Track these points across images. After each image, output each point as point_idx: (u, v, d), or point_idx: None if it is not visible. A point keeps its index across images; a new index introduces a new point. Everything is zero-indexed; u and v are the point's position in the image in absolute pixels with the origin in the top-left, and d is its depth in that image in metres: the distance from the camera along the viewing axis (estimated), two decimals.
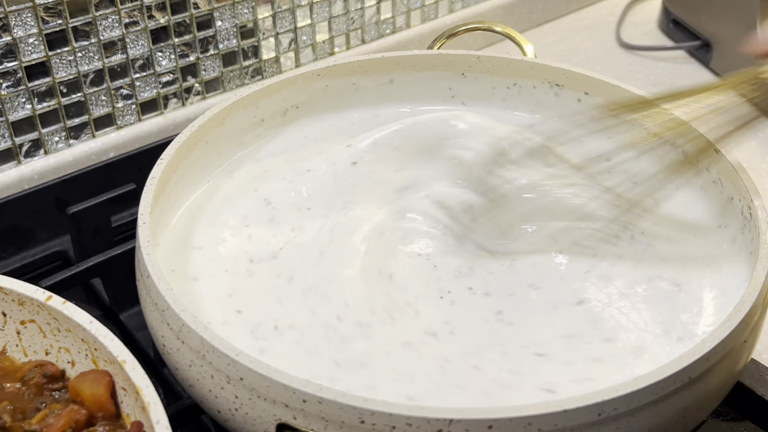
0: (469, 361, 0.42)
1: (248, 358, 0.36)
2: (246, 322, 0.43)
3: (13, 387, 0.41)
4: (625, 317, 0.44)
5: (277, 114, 0.58)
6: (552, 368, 0.41)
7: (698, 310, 0.44)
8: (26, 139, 0.63)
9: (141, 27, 0.65)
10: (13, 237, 0.62)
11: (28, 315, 0.42)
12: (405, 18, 0.82)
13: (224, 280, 0.46)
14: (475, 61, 0.60)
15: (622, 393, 0.35)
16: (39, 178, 0.63)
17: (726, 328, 0.37)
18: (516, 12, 0.91)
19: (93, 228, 0.58)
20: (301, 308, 0.44)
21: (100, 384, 0.39)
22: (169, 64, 0.68)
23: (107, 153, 0.66)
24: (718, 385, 0.39)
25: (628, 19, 0.96)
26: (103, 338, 0.39)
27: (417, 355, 0.42)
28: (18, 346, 0.43)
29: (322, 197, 0.53)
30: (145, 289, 0.42)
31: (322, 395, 0.35)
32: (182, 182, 0.52)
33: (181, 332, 0.39)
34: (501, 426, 0.34)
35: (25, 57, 0.60)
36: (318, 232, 0.50)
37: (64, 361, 0.42)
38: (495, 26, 0.64)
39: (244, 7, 0.70)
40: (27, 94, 0.61)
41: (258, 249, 0.48)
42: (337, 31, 0.77)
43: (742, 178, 0.47)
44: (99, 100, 0.65)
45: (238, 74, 0.72)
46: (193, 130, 0.52)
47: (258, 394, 0.36)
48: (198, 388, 0.39)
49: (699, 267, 0.47)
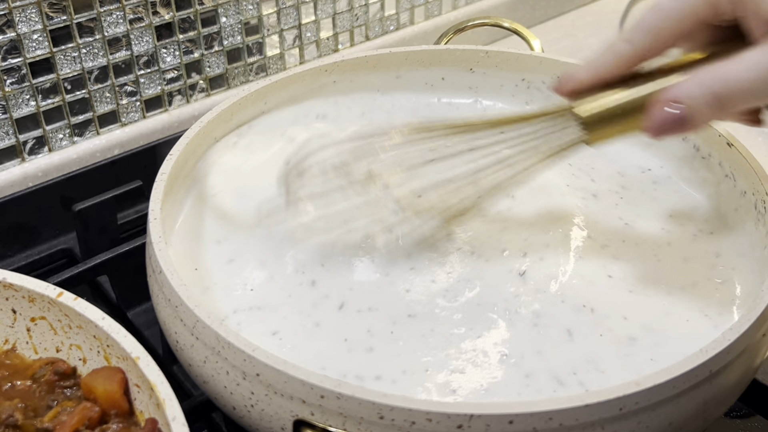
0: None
1: (265, 353, 0.36)
2: (261, 316, 0.43)
3: (24, 385, 0.40)
4: (642, 314, 0.43)
5: (284, 107, 0.58)
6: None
7: (714, 305, 0.44)
8: (30, 136, 0.62)
9: (146, 23, 0.64)
10: (19, 235, 0.61)
11: (38, 312, 0.41)
12: (409, 14, 0.82)
13: (236, 274, 0.46)
14: (483, 56, 0.60)
15: (643, 387, 0.34)
16: (43, 176, 0.63)
17: (746, 322, 0.37)
18: (520, 8, 0.91)
19: (99, 225, 0.58)
20: (316, 302, 0.44)
21: (113, 381, 0.38)
22: (174, 60, 0.67)
23: (112, 150, 0.66)
24: (738, 379, 0.38)
25: (632, 15, 0.95)
26: (115, 334, 0.38)
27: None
28: (28, 344, 0.42)
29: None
30: (157, 285, 0.42)
31: (340, 390, 0.34)
32: (190, 178, 0.51)
33: (195, 328, 0.38)
34: (522, 421, 0.34)
35: (29, 53, 0.59)
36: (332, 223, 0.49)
37: (75, 358, 0.41)
38: (503, 21, 0.64)
39: (249, 4, 0.69)
40: (31, 91, 0.61)
41: (270, 242, 0.48)
42: (341, 27, 0.77)
43: (756, 172, 0.46)
44: (103, 97, 0.65)
45: (242, 71, 0.72)
46: (202, 125, 0.51)
47: (275, 390, 0.36)
48: (213, 384, 0.39)
49: (711, 261, 0.47)
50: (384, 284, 0.44)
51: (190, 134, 0.50)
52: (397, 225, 0.46)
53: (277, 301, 0.44)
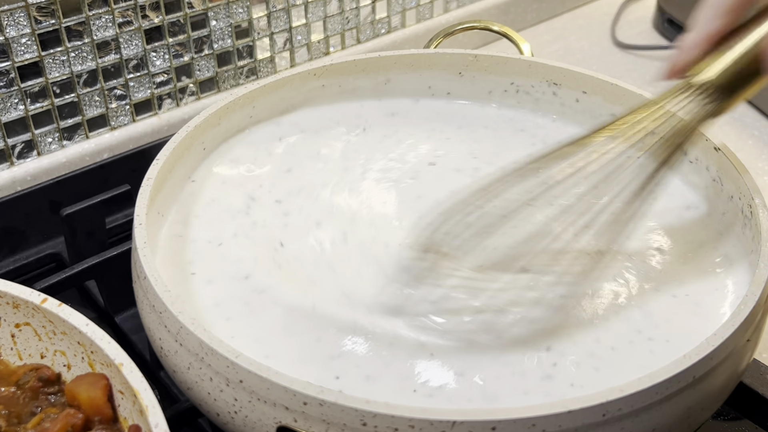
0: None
1: (248, 360, 0.36)
2: (245, 321, 0.43)
3: (8, 391, 0.40)
4: (628, 319, 0.43)
5: (273, 115, 0.58)
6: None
7: (700, 309, 0.44)
8: (19, 140, 0.62)
9: (135, 27, 0.64)
10: (6, 239, 0.61)
11: (22, 318, 0.41)
12: (400, 17, 0.82)
13: (221, 280, 0.46)
14: (472, 60, 0.60)
15: (626, 393, 0.34)
16: (32, 180, 0.63)
17: (729, 327, 0.37)
18: (511, 11, 0.91)
19: (87, 230, 0.58)
20: (304, 306, 0.44)
21: (97, 387, 0.38)
22: (164, 64, 0.67)
23: (101, 154, 0.66)
24: (722, 384, 0.38)
25: (623, 18, 0.95)
26: (99, 341, 0.38)
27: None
28: (13, 350, 0.42)
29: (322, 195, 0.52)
30: (141, 291, 0.42)
31: (323, 397, 0.34)
32: (177, 183, 0.51)
33: (179, 334, 0.38)
34: (505, 427, 0.34)
35: (17, 57, 0.59)
36: (318, 230, 0.49)
37: (59, 365, 0.41)
38: (492, 25, 0.64)
39: (239, 7, 0.69)
40: (20, 95, 0.61)
41: (256, 248, 0.48)
42: (332, 30, 0.77)
43: (742, 176, 0.47)
44: (92, 100, 0.65)
45: (232, 74, 0.72)
46: (189, 130, 0.51)
47: (258, 396, 0.36)
48: (196, 390, 0.39)
49: (698, 266, 0.47)
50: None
51: (177, 139, 0.50)
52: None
53: (263, 305, 0.44)
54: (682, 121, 0.42)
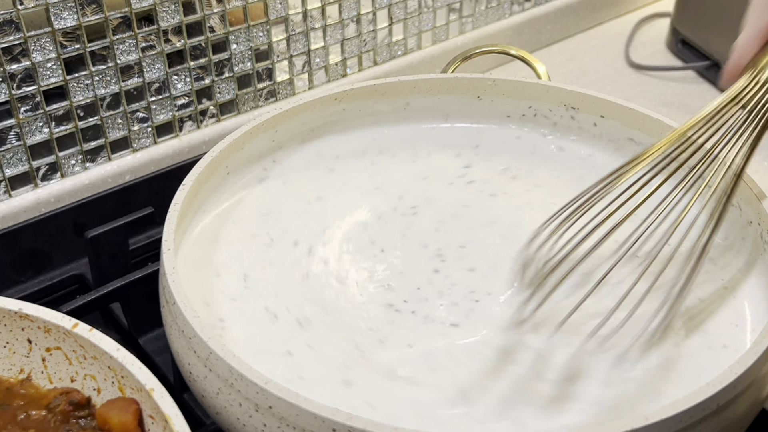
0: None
1: (277, 386, 0.36)
2: (273, 347, 0.43)
3: (38, 414, 0.41)
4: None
5: (294, 139, 0.58)
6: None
7: (721, 338, 0.44)
8: (43, 162, 0.63)
9: (157, 51, 0.65)
10: (31, 261, 0.62)
11: (53, 342, 0.42)
12: (416, 39, 0.83)
13: (248, 304, 0.46)
14: (490, 85, 0.60)
15: (651, 422, 0.35)
16: (56, 202, 0.64)
17: (752, 355, 0.38)
18: (525, 32, 0.92)
19: (111, 252, 0.58)
20: (328, 333, 0.44)
21: (128, 412, 0.39)
22: (185, 87, 0.68)
23: (123, 176, 0.67)
24: (745, 411, 0.39)
25: (637, 39, 0.96)
26: (130, 366, 0.39)
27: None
28: (43, 373, 0.43)
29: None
30: (170, 316, 0.42)
31: (351, 424, 0.35)
32: (202, 208, 0.52)
33: (208, 360, 0.39)
34: None
35: (43, 81, 0.60)
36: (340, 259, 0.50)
37: (89, 389, 0.42)
38: (510, 49, 0.64)
39: (259, 31, 0.70)
40: (44, 118, 0.62)
41: (280, 273, 0.49)
42: (349, 53, 0.78)
43: (761, 202, 0.47)
44: (115, 123, 0.66)
45: (252, 96, 0.73)
46: (215, 155, 0.52)
47: (287, 422, 0.36)
48: (225, 416, 0.39)
49: (719, 292, 0.47)
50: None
51: (202, 164, 0.51)
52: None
53: (290, 328, 0.45)
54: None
